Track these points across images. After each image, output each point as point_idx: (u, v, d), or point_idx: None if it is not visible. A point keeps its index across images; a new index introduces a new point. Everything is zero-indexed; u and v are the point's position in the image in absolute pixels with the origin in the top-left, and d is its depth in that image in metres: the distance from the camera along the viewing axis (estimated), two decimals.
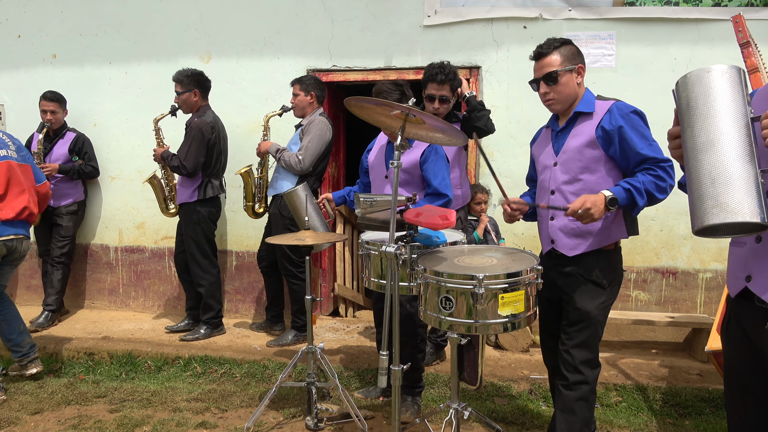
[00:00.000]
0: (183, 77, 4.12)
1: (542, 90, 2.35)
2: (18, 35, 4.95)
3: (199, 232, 4.19)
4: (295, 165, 3.90)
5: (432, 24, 4.34)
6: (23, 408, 3.36)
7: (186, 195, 4.17)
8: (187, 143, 4.07)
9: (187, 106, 4.17)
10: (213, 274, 4.28)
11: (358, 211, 2.18)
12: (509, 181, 4.30)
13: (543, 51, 2.33)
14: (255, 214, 4.27)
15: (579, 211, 2.10)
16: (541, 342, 2.68)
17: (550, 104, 2.37)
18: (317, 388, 3.05)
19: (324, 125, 3.97)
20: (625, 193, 2.14)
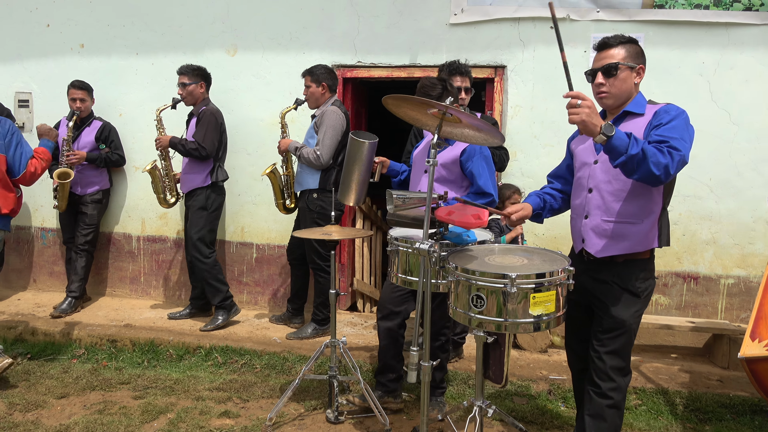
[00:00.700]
0: (189, 70, 4.26)
1: (597, 81, 2.27)
2: (47, 24, 5.01)
3: (204, 218, 4.27)
4: (314, 161, 3.92)
5: (458, 22, 4.34)
6: (49, 392, 3.42)
7: (198, 181, 4.25)
8: (203, 127, 4.18)
9: (192, 97, 4.29)
10: (210, 257, 4.33)
11: (390, 207, 2.20)
12: (531, 182, 4.31)
13: (609, 42, 2.27)
14: (287, 210, 4.30)
15: (579, 101, 2.01)
16: (567, 344, 2.68)
17: (602, 97, 2.30)
18: (338, 381, 3.08)
19: (336, 115, 3.96)
20: (626, 136, 2.02)
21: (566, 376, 3.60)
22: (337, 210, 4.03)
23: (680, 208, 4.13)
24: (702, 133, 3.60)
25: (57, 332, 4.21)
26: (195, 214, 4.27)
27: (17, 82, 5.12)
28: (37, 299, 4.94)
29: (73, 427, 2.99)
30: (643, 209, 2.26)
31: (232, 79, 4.72)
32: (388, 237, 2.56)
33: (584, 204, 2.37)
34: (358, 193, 3.00)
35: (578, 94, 2.03)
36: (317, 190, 4.00)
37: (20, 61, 5.09)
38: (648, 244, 2.30)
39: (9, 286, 5.25)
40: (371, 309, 5.14)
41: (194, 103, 4.32)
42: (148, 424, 3.04)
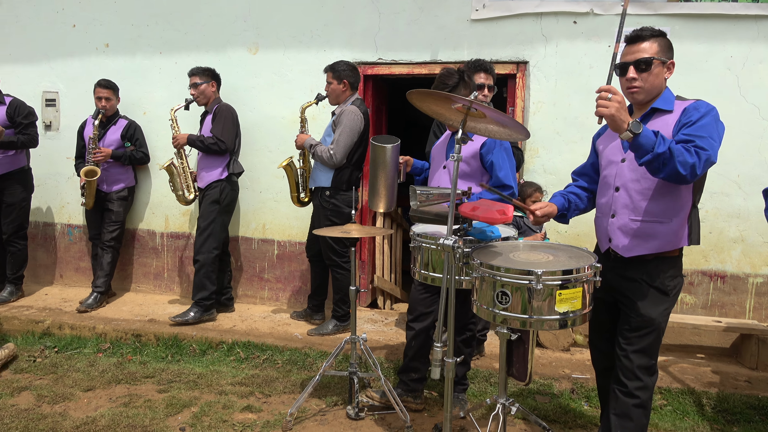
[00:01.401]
0: (200, 71, 4.34)
1: (629, 75, 2.22)
2: (73, 25, 5.10)
3: (216, 211, 4.32)
4: (327, 160, 3.93)
5: (480, 18, 4.31)
6: (76, 385, 3.49)
7: (215, 174, 4.31)
8: (221, 122, 4.26)
9: (204, 96, 4.36)
10: (212, 252, 4.35)
11: (414, 203, 2.20)
12: (554, 179, 4.26)
13: (641, 35, 2.22)
14: (300, 203, 4.33)
15: (610, 94, 1.98)
16: (591, 343, 2.64)
17: (634, 92, 2.25)
18: (359, 377, 3.09)
19: (354, 115, 3.95)
20: (653, 134, 1.99)
21: (589, 375, 3.56)
22: (350, 208, 4.05)
23: (707, 205, 4.05)
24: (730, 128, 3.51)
25: (83, 326, 4.29)
26: (208, 207, 4.32)
27: (44, 81, 5.22)
28: (63, 294, 5.04)
29: (100, 419, 3.04)
30: (672, 207, 2.22)
31: (254, 77, 4.75)
32: (411, 233, 2.55)
33: (611, 203, 2.34)
34: (388, 199, 2.95)
35: (610, 88, 2.01)
36: (330, 189, 4.02)
37: (47, 61, 5.19)
38: (677, 242, 2.26)
39: (36, 281, 5.36)
40: (391, 306, 5.14)
41: (206, 102, 4.40)
42: (173, 417, 3.08)
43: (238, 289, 4.94)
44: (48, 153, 5.20)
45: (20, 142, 4.55)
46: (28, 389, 3.41)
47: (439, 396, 3.39)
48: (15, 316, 4.45)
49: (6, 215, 4.68)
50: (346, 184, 4.04)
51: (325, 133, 4.13)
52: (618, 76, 2.29)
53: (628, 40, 2.26)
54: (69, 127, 5.13)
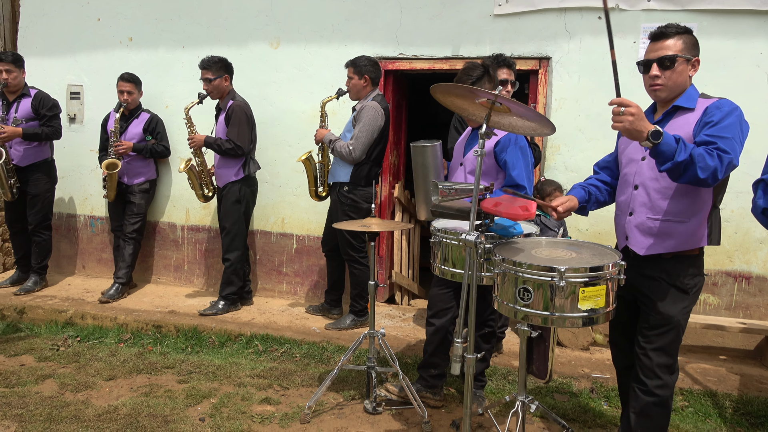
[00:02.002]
0: (212, 64, 4.28)
1: (653, 73, 2.20)
2: (98, 18, 5.16)
3: (238, 210, 4.37)
4: (346, 155, 3.94)
5: (502, 13, 4.27)
6: (98, 374, 3.54)
7: (230, 175, 4.33)
8: (236, 125, 4.24)
9: (218, 91, 4.34)
10: (240, 251, 4.45)
11: (435, 198, 2.18)
12: (575, 176, 4.22)
13: (665, 32, 2.19)
14: (318, 197, 4.35)
15: (622, 108, 1.97)
16: (611, 341, 2.62)
17: (657, 90, 2.22)
18: (377, 372, 3.09)
19: (375, 111, 3.95)
20: (674, 141, 1.96)
21: (609, 374, 3.52)
22: (369, 203, 4.07)
23: (732, 205, 3.97)
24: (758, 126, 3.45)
25: (105, 317, 4.36)
26: (230, 207, 4.36)
27: (69, 74, 5.29)
28: (86, 285, 5.12)
29: (121, 408, 3.09)
30: (691, 207, 2.20)
31: (275, 72, 4.77)
32: (431, 228, 2.54)
33: (629, 201, 2.32)
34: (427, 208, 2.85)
35: (622, 101, 1.98)
36: (348, 184, 4.02)
37: (72, 54, 5.26)
38: (696, 243, 2.23)
39: (60, 271, 5.45)
40: (409, 302, 5.13)
41: (220, 96, 4.38)
42: (192, 408, 3.12)
43: (257, 282, 4.97)
44: (72, 145, 5.27)
45: (44, 134, 4.63)
46: (52, 377, 3.48)
47: (457, 392, 3.38)
48: (39, 305, 4.53)
49: (31, 206, 4.77)
50: (365, 180, 4.04)
51: (345, 129, 4.13)
52: (641, 74, 2.26)
53: (652, 36, 2.23)
54: (93, 119, 5.20)
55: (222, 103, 4.41)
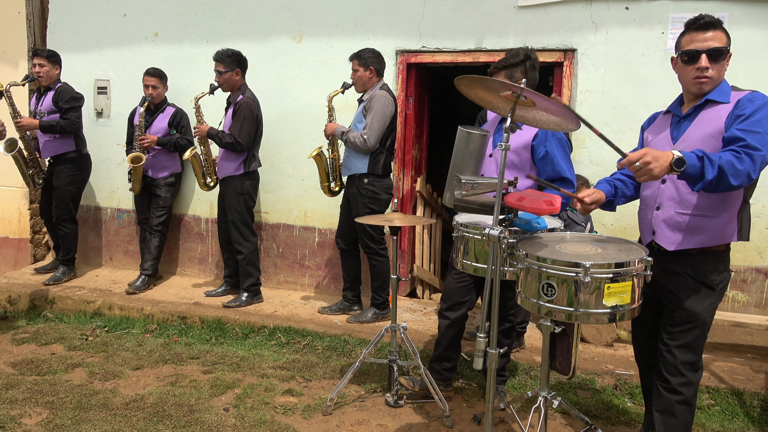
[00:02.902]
0: (225, 57, 4.31)
1: (702, 64, 2.12)
2: (124, 14, 5.24)
3: (242, 203, 4.42)
4: (361, 145, 3.96)
5: (526, 5, 4.21)
6: (126, 363, 3.62)
7: (231, 169, 4.38)
8: (239, 121, 4.28)
9: (228, 84, 4.38)
10: (252, 242, 4.52)
11: (458, 192, 2.18)
12: (601, 170, 4.16)
13: (713, 22, 2.12)
14: (331, 192, 4.38)
15: (637, 163, 1.92)
16: (634, 338, 2.59)
17: (704, 82, 2.14)
18: (398, 365, 3.10)
19: (385, 99, 3.98)
20: (697, 160, 1.91)
21: (633, 371, 3.48)
22: (389, 194, 4.10)
23: (764, 200, 3.88)
24: None
25: (132, 308, 4.45)
26: (233, 199, 4.42)
27: (96, 69, 5.38)
28: (113, 276, 5.23)
29: (148, 397, 3.15)
30: (722, 202, 2.15)
31: (298, 66, 4.79)
32: (454, 222, 2.53)
33: (656, 195, 2.27)
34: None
35: (631, 160, 1.94)
36: (367, 175, 4.03)
37: (99, 49, 5.35)
38: (725, 238, 2.18)
39: (87, 263, 5.57)
40: (430, 296, 5.13)
41: (231, 89, 4.42)
42: (217, 398, 3.17)
43: (280, 275, 5.02)
44: (99, 139, 5.37)
45: (59, 126, 4.68)
46: (81, 366, 3.57)
47: (478, 387, 3.37)
48: (68, 296, 4.64)
49: (54, 198, 4.87)
50: (382, 169, 4.07)
51: (355, 120, 4.14)
52: (684, 64, 2.18)
53: (698, 26, 2.14)
54: (120, 114, 5.29)
55: (232, 96, 4.44)
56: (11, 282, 4.93)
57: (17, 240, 5.74)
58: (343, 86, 4.19)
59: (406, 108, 4.71)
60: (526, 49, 2.85)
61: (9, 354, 3.76)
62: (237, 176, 4.39)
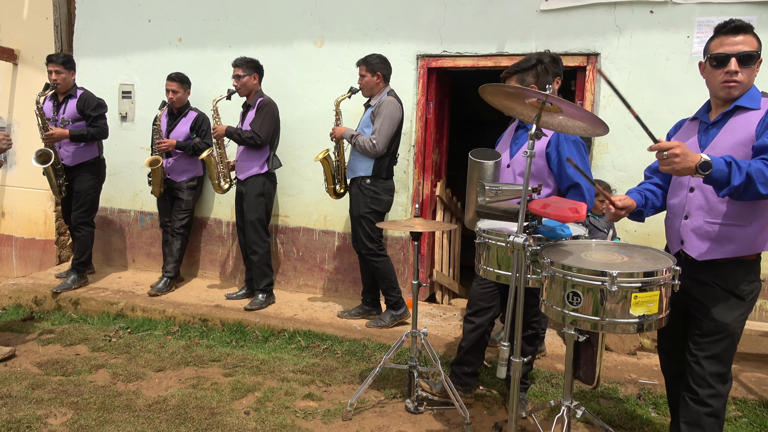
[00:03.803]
0: (244, 63, 4.44)
1: (731, 68, 2.08)
2: (148, 20, 5.32)
3: (261, 203, 4.50)
4: (369, 149, 3.99)
5: (549, 9, 4.18)
6: (148, 365, 3.66)
7: (255, 168, 4.45)
8: (261, 117, 4.39)
9: (246, 88, 4.47)
10: (268, 243, 4.61)
11: (482, 199, 2.16)
12: (624, 176, 4.11)
13: (743, 26, 2.09)
14: (336, 194, 4.41)
15: (665, 151, 1.91)
16: (660, 347, 2.55)
17: (733, 87, 2.11)
18: (418, 371, 3.09)
19: (393, 105, 4.03)
20: (725, 165, 1.89)
21: (657, 381, 3.42)
22: (390, 195, 4.15)
23: None
24: None
25: (154, 309, 4.50)
26: (254, 200, 4.47)
27: (121, 74, 5.47)
28: (135, 278, 5.29)
29: (170, 399, 3.18)
30: (752, 210, 2.10)
31: (319, 70, 4.81)
32: (476, 229, 2.52)
33: (684, 203, 2.23)
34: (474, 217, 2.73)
35: (662, 146, 1.92)
36: (370, 177, 4.07)
37: (124, 54, 5.43)
38: (757, 247, 2.13)
39: (111, 264, 5.65)
40: (449, 301, 5.11)
41: (248, 94, 4.51)
42: (238, 401, 3.19)
43: (300, 278, 5.04)
44: (123, 143, 5.46)
45: (90, 134, 4.74)
46: (105, 367, 3.62)
47: (499, 394, 3.35)
48: (92, 297, 4.71)
49: (75, 202, 4.90)
50: (386, 173, 4.11)
51: (362, 125, 4.17)
52: (712, 68, 2.14)
53: (728, 30, 2.10)
54: (143, 118, 5.37)
55: (250, 100, 4.52)
56: (37, 282, 5.03)
57: (43, 241, 5.85)
58: (350, 91, 4.23)
59: (426, 112, 4.71)
60: (540, 53, 2.83)
61: (35, 354, 3.83)
62: (260, 175, 4.46)
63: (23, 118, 5.80)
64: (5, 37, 5.84)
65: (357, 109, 4.55)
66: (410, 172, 4.70)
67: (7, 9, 5.82)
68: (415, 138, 4.66)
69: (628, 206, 2.26)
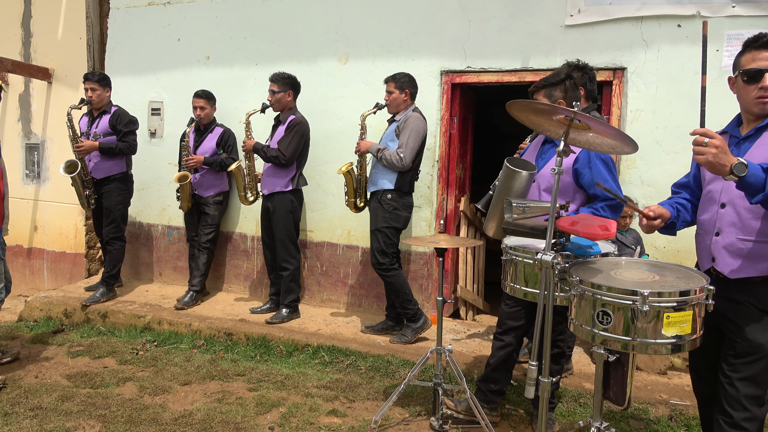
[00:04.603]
0: (280, 78, 4.48)
1: (766, 83, 2.04)
2: (178, 39, 5.44)
3: (290, 220, 4.55)
4: (396, 162, 4.01)
5: (574, 23, 4.17)
6: (174, 378, 3.70)
7: (281, 185, 4.50)
8: (289, 137, 4.44)
9: (280, 104, 4.52)
10: (297, 259, 4.65)
11: (509, 216, 2.15)
12: (653, 191, 4.04)
13: None
14: (357, 208, 4.43)
15: (706, 139, 1.87)
16: (691, 368, 2.48)
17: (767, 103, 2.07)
18: (443, 389, 3.06)
19: (420, 121, 4.08)
20: (762, 171, 1.86)
21: (689, 401, 3.33)
22: (408, 212, 4.17)
23: None
24: None
25: (180, 323, 4.55)
26: (283, 217, 4.52)
27: (151, 92, 5.60)
28: (162, 291, 5.37)
29: (196, 413, 3.20)
30: None
31: (343, 87, 4.86)
32: (503, 246, 2.50)
33: (714, 220, 2.18)
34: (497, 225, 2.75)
35: (706, 132, 1.89)
36: (392, 191, 4.08)
37: (154, 72, 5.57)
38: None
39: (138, 278, 5.75)
40: (474, 317, 5.06)
41: (281, 109, 4.56)
42: (262, 416, 3.19)
43: (323, 293, 5.05)
44: (152, 159, 5.57)
45: (118, 149, 4.85)
46: (132, 380, 3.66)
47: (525, 413, 3.29)
48: (120, 310, 4.79)
49: (105, 217, 5.01)
50: (407, 187, 4.14)
51: (386, 139, 4.20)
52: (744, 83, 2.11)
53: (759, 45, 2.06)
54: (172, 134, 5.48)
55: (282, 116, 4.57)
56: (67, 295, 5.13)
57: (73, 255, 5.99)
58: (376, 106, 4.27)
59: (450, 128, 4.71)
60: (570, 66, 2.80)
61: (65, 366, 3.90)
62: (285, 193, 4.50)
63: (57, 135, 5.97)
64: (40, 57, 6.05)
65: (380, 124, 4.58)
66: (434, 187, 4.70)
67: (43, 30, 6.03)
68: (439, 153, 4.67)
69: (661, 215, 2.21)
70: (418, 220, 4.71)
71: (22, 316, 5.02)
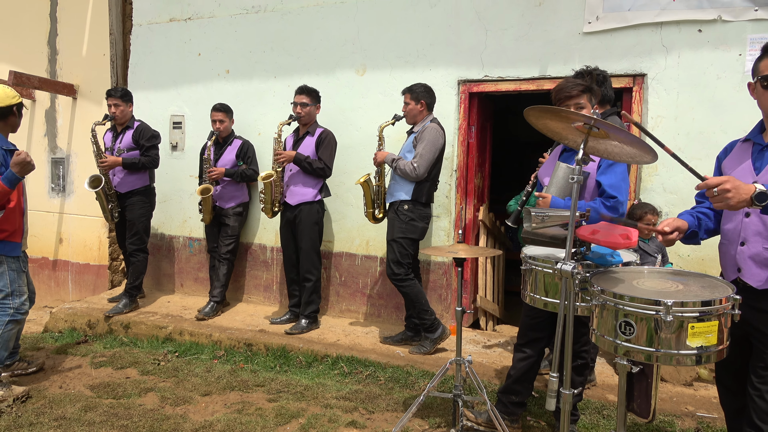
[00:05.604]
0: (311, 91, 4.56)
1: None
2: (198, 53, 5.54)
3: (316, 231, 4.60)
4: (410, 172, 4.01)
5: (593, 31, 4.14)
6: (195, 389, 3.72)
7: (310, 195, 4.54)
8: (328, 149, 4.53)
9: (309, 116, 4.58)
10: (319, 269, 4.69)
11: (528, 225, 2.13)
12: (675, 198, 3.98)
13: None
14: (375, 219, 4.42)
15: (715, 189, 1.84)
16: (718, 380, 2.42)
17: None
18: (463, 400, 3.02)
19: (437, 132, 4.07)
20: None
21: (717, 414, 3.25)
22: (425, 223, 4.15)
23: None
24: None
25: (201, 333, 4.59)
26: (310, 228, 4.55)
27: (172, 106, 5.70)
28: (183, 302, 5.42)
29: (216, 424, 3.21)
30: None
31: (361, 98, 4.89)
32: (522, 255, 2.47)
33: (739, 229, 2.13)
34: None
35: (709, 184, 1.87)
36: (409, 202, 4.07)
37: (175, 87, 5.66)
38: None
39: (160, 289, 5.81)
40: (494, 327, 5.01)
41: (309, 122, 4.60)
42: (282, 427, 3.19)
43: (342, 303, 5.05)
44: (173, 171, 5.65)
45: (141, 163, 4.93)
46: (153, 390, 3.69)
47: (547, 425, 3.24)
48: (142, 321, 4.85)
49: (128, 230, 5.08)
50: (425, 197, 4.12)
51: (404, 150, 4.20)
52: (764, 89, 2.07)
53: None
54: (193, 147, 5.56)
55: (310, 128, 4.60)
56: (91, 307, 5.21)
57: (97, 266, 6.09)
58: (394, 118, 4.29)
59: (468, 137, 4.70)
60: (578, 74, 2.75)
61: (88, 377, 3.95)
62: (314, 203, 4.55)
63: (81, 150, 6.11)
64: (66, 73, 6.20)
65: (400, 135, 4.59)
66: (452, 196, 4.69)
67: (68, 47, 6.19)
68: (457, 162, 4.66)
69: (677, 227, 2.17)
70: (437, 229, 4.69)
71: (48, 327, 5.10)
